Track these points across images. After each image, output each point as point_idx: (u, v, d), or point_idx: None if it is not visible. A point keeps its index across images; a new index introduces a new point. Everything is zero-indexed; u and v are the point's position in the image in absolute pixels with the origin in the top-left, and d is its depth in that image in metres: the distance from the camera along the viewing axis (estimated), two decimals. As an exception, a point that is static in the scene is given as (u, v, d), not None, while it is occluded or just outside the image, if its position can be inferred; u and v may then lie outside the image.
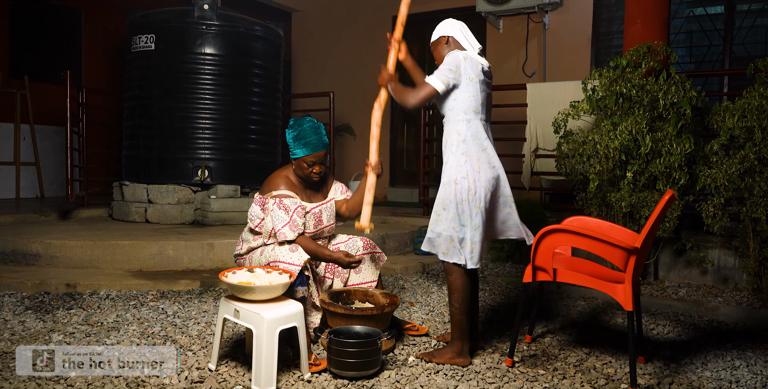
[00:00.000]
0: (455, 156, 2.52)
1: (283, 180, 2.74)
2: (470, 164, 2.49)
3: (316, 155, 2.68)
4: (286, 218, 2.62)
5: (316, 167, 2.71)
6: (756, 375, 2.52)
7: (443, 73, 2.50)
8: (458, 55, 2.53)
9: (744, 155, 3.43)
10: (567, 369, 2.54)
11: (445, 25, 2.72)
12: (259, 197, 2.74)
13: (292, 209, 2.64)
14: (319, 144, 2.67)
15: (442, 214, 2.52)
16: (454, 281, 2.53)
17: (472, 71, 2.53)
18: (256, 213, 2.73)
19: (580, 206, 4.11)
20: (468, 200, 2.46)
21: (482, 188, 2.47)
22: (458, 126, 2.54)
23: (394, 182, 8.13)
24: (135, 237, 4.25)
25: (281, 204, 2.64)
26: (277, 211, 2.63)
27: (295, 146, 2.68)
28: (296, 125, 2.70)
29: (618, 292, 2.34)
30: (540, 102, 5.11)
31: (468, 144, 2.51)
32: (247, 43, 5.34)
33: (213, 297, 3.58)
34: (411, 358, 2.61)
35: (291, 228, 2.61)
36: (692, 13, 6.28)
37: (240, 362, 2.51)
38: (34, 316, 3.11)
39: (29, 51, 6.72)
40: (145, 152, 5.25)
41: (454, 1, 7.36)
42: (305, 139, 2.66)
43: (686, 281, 4.04)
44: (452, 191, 2.49)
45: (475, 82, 2.53)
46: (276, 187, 2.71)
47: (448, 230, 2.50)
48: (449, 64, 2.52)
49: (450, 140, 2.56)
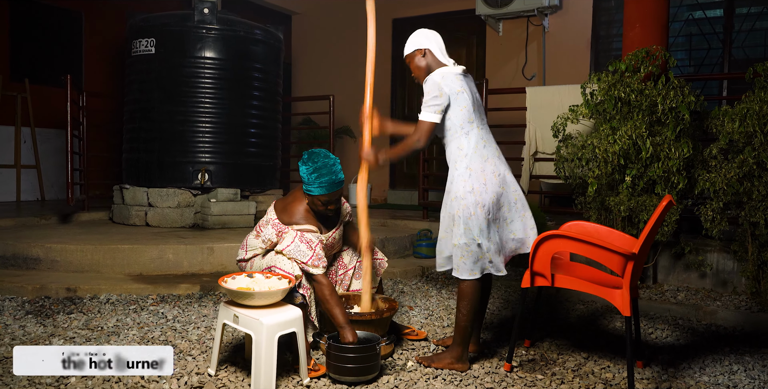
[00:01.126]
0: (459, 171, 2.52)
1: (304, 213, 2.65)
2: (475, 177, 2.48)
3: (331, 194, 2.59)
4: (310, 252, 2.55)
5: (331, 205, 2.64)
6: (754, 379, 2.53)
7: (432, 103, 2.47)
8: (434, 78, 2.50)
9: (743, 159, 3.44)
10: (565, 373, 2.55)
11: (419, 37, 2.64)
12: (277, 223, 2.64)
13: (314, 243, 2.58)
14: (334, 183, 2.57)
15: (453, 229, 2.51)
16: (465, 288, 2.52)
17: (455, 84, 2.49)
18: (268, 236, 2.66)
19: (579, 209, 4.11)
20: (476, 214, 2.46)
21: (489, 200, 2.47)
22: (459, 141, 2.53)
23: (394, 185, 8.15)
24: (135, 241, 4.26)
25: (303, 238, 2.57)
26: (299, 245, 2.55)
27: (309, 184, 2.57)
28: (311, 162, 2.59)
29: (616, 297, 2.35)
30: (539, 106, 5.13)
31: (470, 158, 2.51)
32: (247, 47, 5.35)
33: (213, 301, 3.59)
34: (410, 363, 2.62)
35: (314, 262, 2.55)
36: (691, 16, 6.29)
37: (239, 367, 2.52)
38: (35, 321, 3.12)
39: (30, 54, 6.74)
40: (146, 155, 5.27)
41: (454, 4, 7.37)
42: (320, 178, 2.55)
43: (685, 284, 4.04)
44: (460, 206, 2.48)
45: (462, 93, 2.50)
46: (298, 221, 2.63)
47: (459, 245, 2.49)
48: (432, 91, 2.48)
49: (452, 157, 2.56)
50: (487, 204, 2.47)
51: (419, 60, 2.62)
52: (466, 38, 7.40)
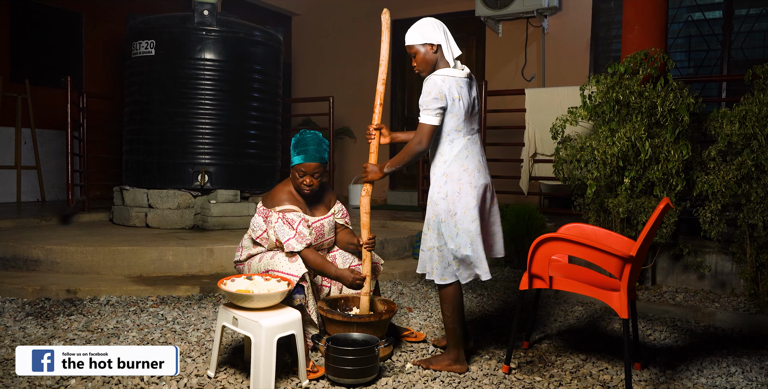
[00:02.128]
0: (436, 177, 2.54)
1: (286, 195, 2.73)
2: (450, 184, 2.50)
3: (308, 165, 2.66)
4: (292, 232, 2.62)
5: (307, 178, 2.69)
6: (751, 381, 2.53)
7: (432, 107, 2.44)
8: (436, 80, 2.46)
9: (741, 161, 3.45)
10: (563, 375, 2.56)
11: (430, 29, 2.53)
12: (262, 209, 2.74)
13: (296, 222, 2.65)
14: (314, 154, 2.66)
15: (428, 233, 2.56)
16: (446, 292, 2.56)
17: (454, 91, 2.47)
18: (258, 224, 2.74)
19: (578, 211, 4.12)
20: (447, 221, 2.49)
21: (462, 209, 2.48)
22: (442, 147, 2.54)
23: (394, 185, 8.16)
24: (135, 243, 4.27)
25: (285, 219, 2.65)
26: (282, 226, 2.64)
27: (293, 153, 2.70)
28: (299, 134, 2.72)
29: (614, 300, 2.36)
30: (539, 107, 5.14)
31: (449, 165, 2.51)
32: (246, 49, 5.36)
33: (212, 302, 3.60)
34: (408, 365, 2.63)
35: (298, 240, 2.62)
36: (691, 17, 6.30)
37: (239, 369, 2.53)
38: (35, 322, 3.13)
39: (30, 55, 6.74)
40: (146, 156, 5.28)
41: (453, 5, 7.38)
42: (303, 147, 2.67)
43: (683, 286, 4.05)
44: (434, 211, 2.53)
45: (459, 101, 2.48)
46: (279, 202, 2.71)
47: (432, 249, 2.54)
48: (432, 93, 2.44)
49: (434, 161, 2.58)
50: (458, 213, 2.48)
51: (428, 54, 2.54)
52: (465, 39, 7.41)
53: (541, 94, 5.20)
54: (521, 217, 4.59)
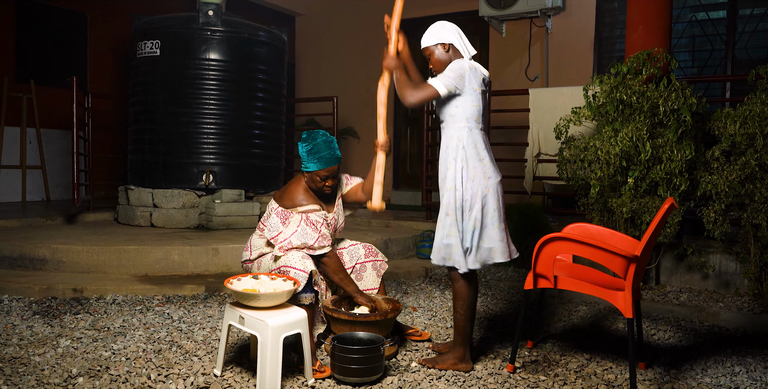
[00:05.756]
0: (455, 162, 2.52)
1: (304, 194, 2.72)
2: (466, 171, 2.50)
3: (329, 169, 2.67)
4: (316, 234, 2.63)
5: (329, 180, 2.71)
6: (755, 381, 2.54)
7: (448, 78, 2.47)
8: (464, 64, 2.51)
9: (745, 161, 3.46)
10: (568, 375, 2.57)
11: (441, 30, 2.62)
12: (280, 210, 2.70)
13: (320, 224, 2.66)
14: (332, 159, 2.66)
15: (445, 220, 2.55)
16: (460, 288, 2.56)
17: (476, 82, 2.52)
18: (275, 225, 2.70)
19: (581, 211, 4.13)
20: (463, 208, 2.49)
21: (477, 196, 2.49)
22: (460, 132, 2.53)
23: (397, 186, 8.17)
24: (140, 242, 4.29)
25: (308, 221, 2.65)
26: (305, 228, 2.63)
27: (308, 160, 2.66)
28: (309, 139, 2.69)
29: (618, 299, 2.37)
30: (542, 107, 5.14)
31: (467, 151, 2.52)
32: (251, 49, 5.38)
33: (218, 301, 3.62)
34: (413, 364, 2.64)
35: (321, 242, 2.64)
36: (695, 17, 6.29)
37: (245, 367, 2.54)
38: (42, 321, 3.15)
39: (35, 55, 6.78)
40: (151, 156, 5.30)
41: (457, 5, 7.38)
42: (319, 153, 2.64)
43: (687, 286, 4.06)
44: (452, 197, 2.52)
45: (477, 93, 2.52)
46: (299, 202, 2.69)
47: (452, 235, 2.52)
48: (456, 70, 2.49)
49: (451, 145, 2.55)
50: (469, 200, 2.49)
51: (441, 54, 2.61)
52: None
53: (545, 94, 5.21)
54: (525, 217, 4.60)
